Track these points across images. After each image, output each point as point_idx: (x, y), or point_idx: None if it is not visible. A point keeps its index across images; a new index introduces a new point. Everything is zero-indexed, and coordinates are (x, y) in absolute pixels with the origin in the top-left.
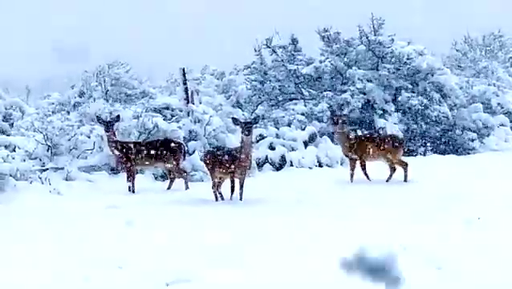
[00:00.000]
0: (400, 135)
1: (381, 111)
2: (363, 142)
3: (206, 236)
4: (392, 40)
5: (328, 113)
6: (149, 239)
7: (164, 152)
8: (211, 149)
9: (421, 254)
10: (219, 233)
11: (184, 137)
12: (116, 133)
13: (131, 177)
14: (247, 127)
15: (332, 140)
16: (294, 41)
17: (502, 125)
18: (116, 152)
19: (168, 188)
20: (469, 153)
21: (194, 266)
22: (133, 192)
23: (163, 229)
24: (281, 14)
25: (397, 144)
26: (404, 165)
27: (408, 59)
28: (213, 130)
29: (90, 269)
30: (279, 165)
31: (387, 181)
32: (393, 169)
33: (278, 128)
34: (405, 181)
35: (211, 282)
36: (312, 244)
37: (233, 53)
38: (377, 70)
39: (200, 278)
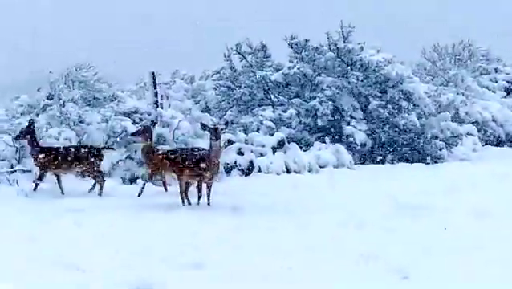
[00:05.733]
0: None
1: (349, 119)
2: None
3: (170, 241)
4: (362, 48)
5: (297, 120)
6: (111, 244)
7: (80, 156)
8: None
9: (384, 264)
10: (185, 239)
11: None
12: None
13: (41, 178)
14: (216, 132)
15: (301, 148)
16: (263, 47)
17: (470, 134)
18: (35, 157)
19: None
20: (436, 162)
21: (153, 273)
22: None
23: (124, 234)
24: (251, 20)
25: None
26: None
27: (377, 66)
28: (182, 134)
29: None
30: (247, 171)
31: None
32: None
33: (246, 134)
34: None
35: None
36: (275, 250)
37: (204, 58)
38: (346, 77)
39: (161, 285)
